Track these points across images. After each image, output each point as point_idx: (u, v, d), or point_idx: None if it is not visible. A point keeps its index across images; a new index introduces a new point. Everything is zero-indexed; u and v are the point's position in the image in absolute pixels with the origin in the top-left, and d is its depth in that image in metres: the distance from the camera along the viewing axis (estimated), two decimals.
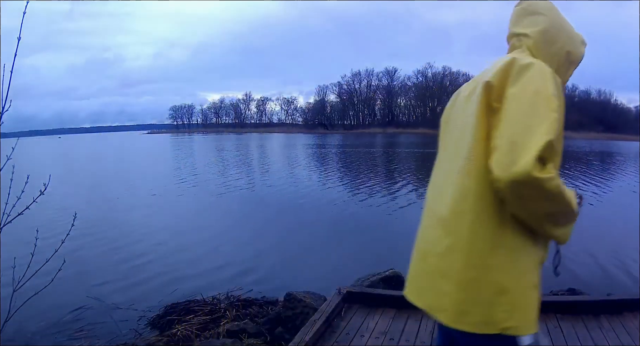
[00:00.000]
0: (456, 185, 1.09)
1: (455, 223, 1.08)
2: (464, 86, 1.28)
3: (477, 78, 1.21)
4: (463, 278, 1.05)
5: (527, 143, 0.94)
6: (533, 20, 1.23)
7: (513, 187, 0.96)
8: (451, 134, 1.23)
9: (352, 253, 6.44)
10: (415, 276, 1.22)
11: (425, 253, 1.18)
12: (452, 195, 1.10)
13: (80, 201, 11.29)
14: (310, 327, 2.65)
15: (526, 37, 1.22)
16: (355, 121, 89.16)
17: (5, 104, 1.64)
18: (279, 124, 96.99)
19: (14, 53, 1.59)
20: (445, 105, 1.35)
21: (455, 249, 1.07)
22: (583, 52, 1.29)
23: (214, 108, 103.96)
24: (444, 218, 1.11)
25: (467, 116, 1.12)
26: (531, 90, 1.02)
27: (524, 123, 0.98)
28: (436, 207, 1.18)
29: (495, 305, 1.02)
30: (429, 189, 1.29)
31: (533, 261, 1.07)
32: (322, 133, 78.40)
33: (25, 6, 1.60)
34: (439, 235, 1.12)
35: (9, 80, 1.58)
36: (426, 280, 1.16)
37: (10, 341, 3.72)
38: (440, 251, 1.11)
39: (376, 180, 14.83)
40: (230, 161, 24.54)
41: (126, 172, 19.92)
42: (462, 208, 1.07)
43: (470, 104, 1.13)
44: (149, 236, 7.72)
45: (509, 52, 1.26)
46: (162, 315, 4.28)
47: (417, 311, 3.04)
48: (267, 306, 4.31)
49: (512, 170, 0.94)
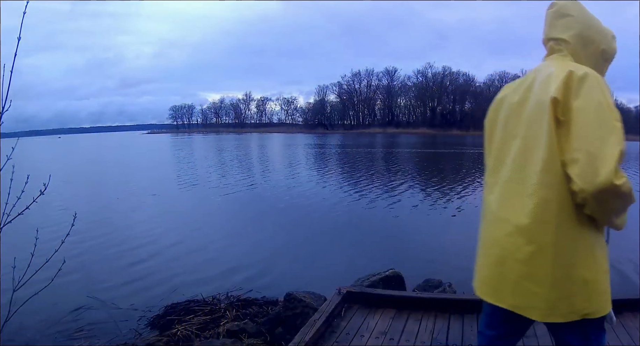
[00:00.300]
0: (537, 197, 1.18)
1: (539, 231, 1.18)
2: (509, 91, 1.36)
3: (524, 84, 1.29)
4: (552, 278, 1.17)
5: (604, 155, 1.07)
6: (566, 23, 1.30)
7: (598, 195, 1.09)
8: (507, 142, 1.31)
9: (352, 253, 6.43)
10: (492, 279, 1.31)
11: (502, 258, 1.27)
12: (534, 207, 1.18)
13: (80, 201, 11.29)
14: (310, 327, 2.65)
15: (565, 42, 1.30)
16: (355, 121, 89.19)
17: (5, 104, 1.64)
18: (279, 124, 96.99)
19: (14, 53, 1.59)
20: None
21: (539, 255, 1.18)
22: (615, 48, 1.36)
23: (214, 108, 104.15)
24: (525, 227, 1.20)
25: (534, 128, 1.21)
26: (594, 102, 1.12)
27: (595, 135, 1.09)
28: (510, 216, 1.25)
29: (577, 296, 1.17)
30: (490, 196, 1.35)
31: (604, 251, 1.23)
32: (322, 133, 78.41)
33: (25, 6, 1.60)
34: (519, 243, 1.21)
35: (9, 80, 1.58)
36: (508, 284, 1.25)
37: (10, 341, 3.72)
38: (522, 257, 1.20)
39: (376, 180, 14.83)
40: (231, 161, 24.54)
41: (126, 172, 19.93)
42: (545, 218, 1.17)
43: (532, 115, 1.22)
44: (149, 236, 7.72)
45: (548, 55, 1.35)
46: (162, 315, 4.28)
47: (417, 311, 3.05)
48: (267, 306, 4.31)
49: (596, 182, 1.07)
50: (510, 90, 1.37)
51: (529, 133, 1.22)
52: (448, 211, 9.65)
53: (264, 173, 17.94)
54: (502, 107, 1.36)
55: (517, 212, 1.22)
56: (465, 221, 8.71)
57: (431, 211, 9.65)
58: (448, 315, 2.94)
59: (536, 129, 1.20)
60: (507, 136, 1.31)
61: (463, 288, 4.67)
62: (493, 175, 1.36)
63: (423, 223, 8.62)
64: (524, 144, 1.24)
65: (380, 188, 12.97)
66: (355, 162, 22.28)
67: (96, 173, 19.62)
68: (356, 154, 27.58)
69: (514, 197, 1.24)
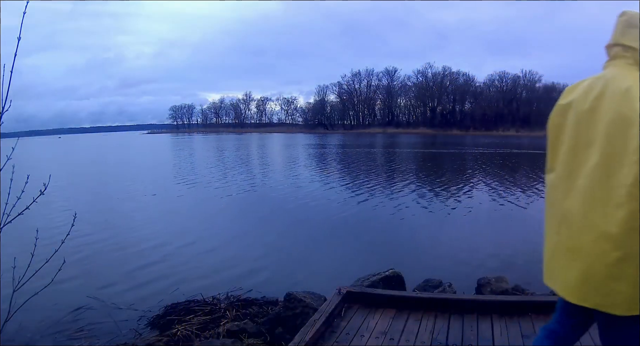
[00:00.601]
0: (627, 208, 1.25)
1: (627, 240, 1.26)
2: (574, 97, 1.41)
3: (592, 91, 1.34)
4: (636, 279, 1.26)
5: None
6: (637, 33, 1.36)
7: None
8: (580, 150, 1.37)
9: (352, 253, 6.44)
10: (576, 281, 1.40)
11: (588, 262, 1.35)
12: (623, 217, 1.25)
13: (80, 201, 11.29)
14: (310, 327, 2.65)
15: (633, 50, 1.35)
16: (355, 121, 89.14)
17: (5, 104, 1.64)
18: (279, 124, 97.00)
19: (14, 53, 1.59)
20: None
21: (627, 260, 1.27)
22: None
23: (214, 108, 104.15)
24: (613, 235, 1.28)
25: (617, 142, 1.26)
26: None
27: None
28: (596, 223, 1.32)
29: None
30: (567, 202, 1.42)
31: None
32: (322, 133, 78.42)
33: (25, 6, 1.60)
34: (605, 249, 1.30)
35: (9, 80, 1.58)
36: (593, 285, 1.35)
37: (10, 341, 3.73)
38: (609, 262, 1.30)
39: (376, 180, 14.84)
40: (231, 161, 24.53)
41: (126, 172, 19.93)
42: (633, 226, 1.24)
43: (612, 127, 1.27)
44: (149, 236, 7.72)
45: (611, 60, 1.41)
46: (162, 315, 4.28)
47: (417, 311, 3.05)
48: (267, 306, 4.31)
49: None
50: (575, 96, 1.42)
51: (610, 145, 1.28)
52: (448, 211, 9.65)
53: (264, 173, 17.94)
54: (569, 113, 1.41)
55: (604, 220, 1.29)
56: (465, 221, 8.72)
57: (431, 211, 9.65)
58: (448, 315, 2.94)
59: (620, 143, 1.25)
60: (579, 143, 1.37)
61: (463, 288, 4.68)
62: (566, 180, 1.42)
63: (423, 223, 8.61)
64: (605, 155, 1.29)
65: (380, 188, 12.97)
66: (355, 162, 22.28)
67: (96, 173, 19.62)
68: (356, 154, 27.58)
69: (599, 206, 1.31)
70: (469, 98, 79.28)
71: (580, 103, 1.38)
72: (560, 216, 1.44)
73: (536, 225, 8.21)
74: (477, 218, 8.92)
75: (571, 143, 1.40)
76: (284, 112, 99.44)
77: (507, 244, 6.78)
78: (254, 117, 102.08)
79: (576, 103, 1.39)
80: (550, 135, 1.49)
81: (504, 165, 20.90)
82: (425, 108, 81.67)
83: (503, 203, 10.41)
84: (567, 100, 1.44)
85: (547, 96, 73.41)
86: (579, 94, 1.40)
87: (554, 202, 1.47)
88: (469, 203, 10.45)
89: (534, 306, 2.96)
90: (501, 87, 78.23)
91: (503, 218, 8.97)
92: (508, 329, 2.74)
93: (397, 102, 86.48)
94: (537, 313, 2.91)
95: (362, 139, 51.38)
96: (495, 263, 5.87)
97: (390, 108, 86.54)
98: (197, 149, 37.98)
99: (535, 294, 4.36)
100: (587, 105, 1.34)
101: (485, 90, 78.58)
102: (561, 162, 1.44)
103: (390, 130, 77.21)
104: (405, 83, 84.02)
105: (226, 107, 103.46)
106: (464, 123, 74.38)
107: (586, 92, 1.37)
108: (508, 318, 2.86)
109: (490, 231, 7.87)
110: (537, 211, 9.56)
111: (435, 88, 79.75)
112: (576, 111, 1.38)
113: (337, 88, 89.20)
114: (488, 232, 7.74)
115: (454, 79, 79.09)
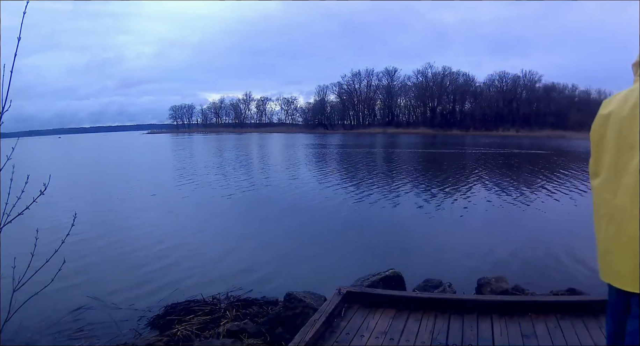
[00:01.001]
0: None
1: None
2: (614, 107, 1.54)
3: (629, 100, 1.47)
4: None
5: None
6: None
7: None
8: (624, 152, 1.48)
9: (352, 253, 6.44)
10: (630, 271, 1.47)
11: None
12: None
13: (80, 201, 11.29)
14: (310, 327, 2.65)
15: None
16: (355, 121, 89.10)
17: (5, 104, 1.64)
18: (279, 124, 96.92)
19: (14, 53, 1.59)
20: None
21: None
22: None
23: (214, 108, 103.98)
24: None
25: None
26: None
27: None
28: None
29: None
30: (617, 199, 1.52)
31: None
32: (322, 133, 78.41)
33: (25, 6, 1.60)
34: None
35: (9, 80, 1.58)
36: None
37: (10, 341, 3.73)
38: None
39: (376, 180, 14.84)
40: (231, 162, 24.53)
41: (127, 172, 19.92)
42: None
43: None
44: (149, 236, 7.72)
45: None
46: (162, 315, 4.28)
47: (417, 311, 3.05)
48: (267, 306, 4.31)
49: None
50: (614, 106, 1.55)
51: None
52: (448, 211, 9.65)
53: (265, 173, 17.94)
54: (610, 120, 1.54)
55: None
56: (465, 221, 8.72)
57: (431, 211, 9.65)
58: (448, 315, 2.94)
59: None
60: (622, 146, 1.49)
61: (463, 288, 4.68)
62: (613, 181, 1.53)
63: (423, 223, 8.61)
64: None
65: (381, 188, 12.97)
66: (355, 162, 22.29)
67: (97, 173, 19.62)
68: (356, 154, 27.58)
69: None
70: (469, 99, 79.26)
71: (619, 111, 1.51)
72: (610, 214, 1.55)
73: (536, 225, 8.26)
74: (477, 218, 8.93)
75: (614, 148, 1.53)
76: (284, 112, 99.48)
77: (507, 244, 6.78)
78: (254, 117, 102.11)
79: (615, 112, 1.52)
80: (593, 143, 1.63)
81: (504, 165, 20.92)
82: (425, 109, 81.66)
83: (503, 204, 10.42)
84: (607, 110, 1.58)
85: (547, 96, 73.61)
86: (616, 105, 1.54)
87: (602, 202, 1.59)
88: (469, 203, 10.46)
89: (534, 306, 2.97)
90: (501, 87, 78.22)
91: (503, 218, 8.98)
92: (508, 329, 2.74)
93: (397, 102, 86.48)
94: (537, 313, 2.91)
95: (362, 139, 51.37)
96: (495, 263, 5.87)
97: (390, 108, 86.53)
98: (197, 149, 37.99)
99: (535, 294, 4.37)
100: (625, 112, 1.47)
101: (485, 90, 78.56)
102: (606, 165, 1.57)
103: (390, 130, 77.15)
104: (405, 83, 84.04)
105: (226, 107, 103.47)
106: (464, 123, 74.34)
107: (623, 102, 1.51)
108: (508, 318, 2.87)
109: (490, 231, 7.87)
110: (538, 211, 9.58)
111: (435, 88, 79.73)
112: (617, 118, 1.51)
113: (337, 89, 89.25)
114: (488, 232, 7.75)
115: (454, 79, 79.12)
